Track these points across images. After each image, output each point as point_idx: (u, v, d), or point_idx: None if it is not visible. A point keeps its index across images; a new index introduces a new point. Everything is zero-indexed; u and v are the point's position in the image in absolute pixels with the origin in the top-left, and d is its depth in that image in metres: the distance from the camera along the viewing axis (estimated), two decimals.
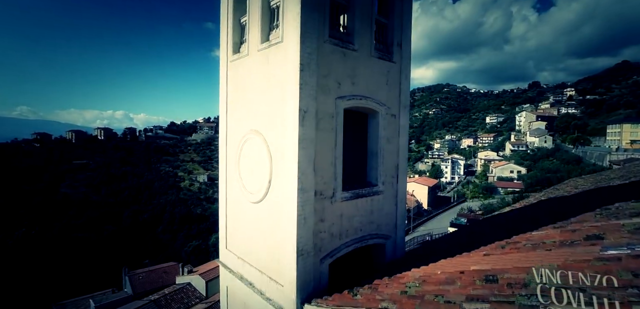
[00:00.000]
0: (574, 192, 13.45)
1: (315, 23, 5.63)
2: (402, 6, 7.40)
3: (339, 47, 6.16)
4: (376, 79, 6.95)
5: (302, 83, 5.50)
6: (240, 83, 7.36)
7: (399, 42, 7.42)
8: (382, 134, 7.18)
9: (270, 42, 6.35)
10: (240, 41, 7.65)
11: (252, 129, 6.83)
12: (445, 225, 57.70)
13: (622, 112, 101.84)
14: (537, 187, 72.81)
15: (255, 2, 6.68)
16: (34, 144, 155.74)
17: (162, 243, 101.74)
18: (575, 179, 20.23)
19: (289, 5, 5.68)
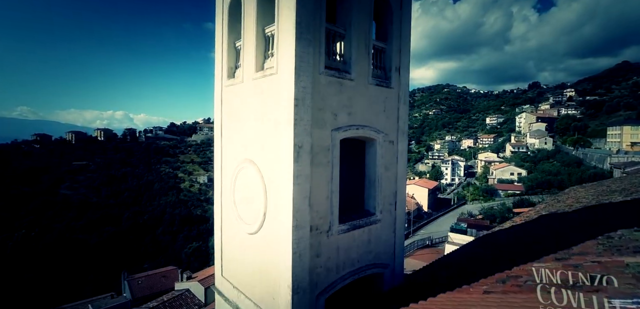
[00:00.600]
0: (575, 208, 13.29)
1: (310, 56, 5.49)
2: (401, 30, 7.25)
3: (335, 78, 6.01)
4: (374, 106, 6.80)
5: (296, 119, 5.36)
6: (235, 109, 7.21)
7: (397, 67, 7.27)
8: (380, 162, 7.04)
9: (264, 71, 6.20)
10: (235, 66, 7.50)
11: (247, 158, 6.69)
12: (446, 228, 57.47)
13: (623, 114, 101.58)
14: (537, 190, 72.66)
15: (250, 29, 6.53)
16: (33, 145, 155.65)
17: (162, 245, 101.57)
18: (576, 189, 20.05)
19: (283, 36, 5.54)
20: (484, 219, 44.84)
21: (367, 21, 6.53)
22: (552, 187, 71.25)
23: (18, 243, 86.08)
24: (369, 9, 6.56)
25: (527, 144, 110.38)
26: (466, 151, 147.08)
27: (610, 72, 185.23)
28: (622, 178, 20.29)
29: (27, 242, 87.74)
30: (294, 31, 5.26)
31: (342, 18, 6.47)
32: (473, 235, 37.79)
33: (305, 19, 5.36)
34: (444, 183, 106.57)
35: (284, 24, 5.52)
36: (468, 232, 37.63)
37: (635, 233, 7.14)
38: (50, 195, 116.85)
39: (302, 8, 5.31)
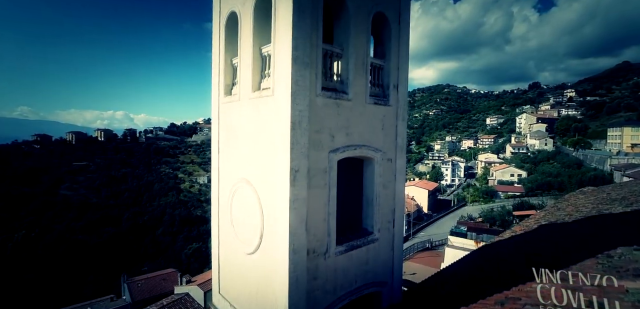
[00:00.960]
0: (574, 217, 13.22)
1: (307, 78, 5.44)
2: (399, 47, 7.20)
3: (333, 99, 5.96)
4: (371, 125, 6.75)
5: (293, 142, 5.30)
6: (231, 127, 7.16)
7: (396, 84, 7.22)
8: (378, 180, 6.98)
9: (261, 92, 6.15)
10: (232, 82, 7.45)
11: (243, 178, 6.63)
12: (445, 230, 57.37)
13: (623, 115, 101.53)
14: (537, 191, 72.64)
15: (247, 48, 6.48)
16: (34, 146, 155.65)
17: (162, 246, 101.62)
18: (576, 195, 19.96)
19: (279, 58, 5.49)
20: (484, 222, 44.79)
21: (364, 40, 6.48)
22: (552, 189, 71.26)
23: (18, 243, 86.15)
24: (367, 27, 6.51)
25: (528, 145, 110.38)
26: (466, 152, 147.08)
27: (610, 72, 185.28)
28: (623, 185, 20.21)
29: (27, 243, 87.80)
30: (290, 54, 5.21)
31: (339, 37, 6.42)
32: (473, 238, 37.76)
33: (301, 41, 5.30)
34: (444, 184, 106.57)
35: (280, 45, 5.47)
36: (468, 235, 37.59)
37: (635, 252, 7.08)
38: (50, 196, 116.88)
39: (298, 30, 5.26)
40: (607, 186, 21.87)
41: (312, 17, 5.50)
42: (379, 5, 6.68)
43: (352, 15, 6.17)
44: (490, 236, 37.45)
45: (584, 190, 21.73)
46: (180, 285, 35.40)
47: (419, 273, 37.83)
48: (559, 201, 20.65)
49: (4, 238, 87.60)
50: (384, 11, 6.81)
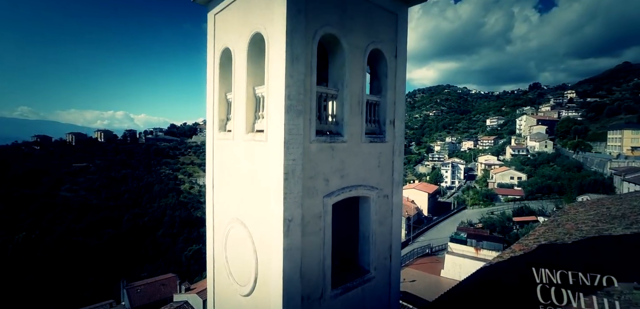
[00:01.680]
0: (574, 238, 13.11)
1: (300, 127, 5.34)
2: (395, 82, 7.10)
3: (327, 143, 5.87)
4: (367, 164, 6.66)
5: (286, 193, 5.22)
6: (226, 163, 7.07)
7: (392, 120, 7.12)
8: (374, 218, 6.89)
9: (254, 134, 6.06)
10: (226, 117, 7.36)
11: (238, 218, 6.55)
12: (445, 234, 57.34)
13: (623, 117, 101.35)
14: (537, 194, 72.57)
15: (240, 88, 6.39)
16: (34, 147, 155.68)
17: (162, 247, 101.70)
18: (576, 208, 19.84)
19: (272, 104, 5.40)
20: (483, 229, 44.71)
21: (360, 78, 6.39)
22: (552, 192, 71.20)
23: (19, 245, 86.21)
24: (363, 65, 6.42)
25: (528, 147, 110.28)
26: (466, 153, 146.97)
27: (611, 73, 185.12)
28: (622, 198, 20.07)
29: (27, 244, 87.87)
30: (283, 103, 5.12)
31: (333, 75, 6.33)
32: (473, 246, 37.73)
33: (294, 90, 5.22)
34: (444, 186, 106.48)
35: (272, 91, 5.38)
36: (468, 242, 37.58)
37: (635, 292, 6.98)
38: (51, 197, 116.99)
39: (291, 78, 5.17)
40: (607, 198, 21.73)
41: (306, 62, 5.41)
42: (375, 42, 6.59)
43: (347, 54, 6.08)
44: (490, 243, 37.42)
45: (584, 202, 21.61)
46: (179, 293, 35.38)
47: (419, 279, 37.77)
48: (559, 213, 20.53)
49: (4, 239, 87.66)
50: (380, 47, 6.72)
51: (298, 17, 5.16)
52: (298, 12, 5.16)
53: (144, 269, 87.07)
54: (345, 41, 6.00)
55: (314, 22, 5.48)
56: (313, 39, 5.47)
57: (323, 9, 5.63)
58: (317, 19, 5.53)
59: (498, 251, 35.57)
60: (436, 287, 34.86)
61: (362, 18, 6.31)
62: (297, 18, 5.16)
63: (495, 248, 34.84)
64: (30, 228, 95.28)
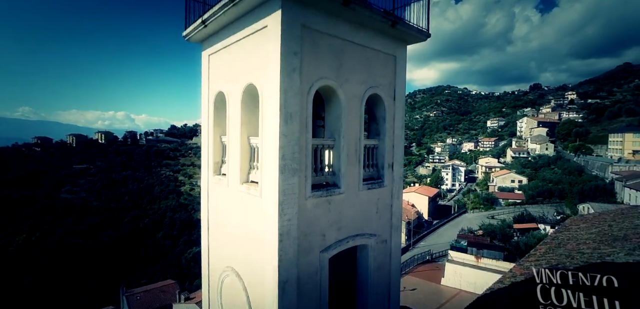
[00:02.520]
0: (575, 264, 12.92)
1: (296, 186, 5.20)
2: (394, 125, 6.95)
3: (324, 197, 5.73)
4: (365, 212, 6.52)
5: (281, 254, 5.07)
6: (220, 209, 6.94)
7: (391, 163, 6.98)
8: (373, 264, 6.75)
9: (249, 186, 5.92)
10: (221, 160, 7.22)
11: (233, 268, 6.41)
12: (446, 239, 57.11)
13: (624, 120, 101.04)
14: (538, 198, 72.34)
15: (234, 137, 6.24)
16: (34, 148, 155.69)
17: (163, 249, 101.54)
18: (578, 222, 19.60)
19: (267, 161, 5.25)
20: (484, 236, 44.53)
21: (357, 126, 6.24)
22: (552, 196, 70.98)
23: (19, 247, 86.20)
24: (360, 112, 6.27)
25: (528, 150, 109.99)
26: (467, 155, 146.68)
27: (611, 74, 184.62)
28: (625, 214, 19.84)
29: (27, 246, 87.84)
30: (277, 162, 4.98)
31: (330, 125, 6.18)
32: (474, 254, 37.52)
33: (289, 149, 5.07)
34: (445, 189, 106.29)
35: (267, 149, 5.24)
36: (468, 250, 37.38)
37: None
38: (51, 199, 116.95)
39: (286, 137, 5.01)
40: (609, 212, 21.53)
41: (301, 119, 5.27)
42: (373, 88, 6.44)
43: (344, 104, 5.94)
44: (490, 252, 37.25)
45: (585, 216, 21.37)
46: (178, 302, 35.27)
47: (420, 287, 37.57)
48: (561, 229, 20.32)
49: (4, 241, 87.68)
50: (378, 92, 6.57)
51: (292, 75, 5.02)
52: (292, 70, 5.01)
53: (145, 271, 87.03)
54: (341, 91, 5.85)
55: (310, 76, 5.34)
56: (308, 94, 5.33)
57: (319, 62, 5.48)
58: (312, 73, 5.38)
59: (498, 259, 35.40)
60: (437, 296, 34.69)
61: (360, 65, 6.17)
62: (292, 77, 5.01)
63: (496, 257, 34.69)
64: (30, 230, 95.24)
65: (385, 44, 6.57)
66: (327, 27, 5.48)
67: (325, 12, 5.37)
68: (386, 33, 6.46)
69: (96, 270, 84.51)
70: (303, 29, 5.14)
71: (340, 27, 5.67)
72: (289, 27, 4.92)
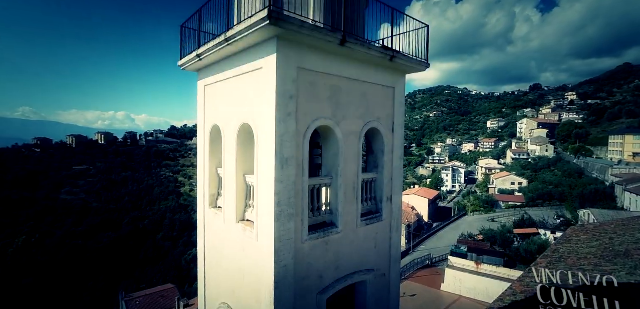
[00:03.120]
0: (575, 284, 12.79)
1: (292, 231, 5.10)
2: (392, 158, 6.85)
3: (321, 238, 5.62)
4: (363, 248, 6.41)
5: (277, 301, 4.97)
6: (216, 243, 6.82)
7: (389, 196, 6.87)
8: (371, 300, 6.64)
9: (245, 224, 5.81)
10: (217, 192, 7.10)
11: (229, 305, 6.30)
12: (446, 243, 56.97)
13: (624, 121, 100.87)
14: (538, 201, 72.22)
15: (230, 174, 6.13)
16: (34, 149, 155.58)
17: (162, 251, 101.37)
18: (578, 234, 19.45)
19: (262, 205, 5.14)
20: (484, 241, 44.41)
21: (355, 163, 6.12)
22: (553, 199, 70.87)
23: (19, 248, 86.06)
24: (358, 149, 6.16)
25: (528, 151, 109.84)
26: (467, 156, 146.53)
27: (611, 74, 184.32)
28: (626, 225, 19.70)
29: (27, 248, 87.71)
30: (273, 210, 4.87)
31: (327, 163, 6.07)
32: (474, 260, 37.44)
33: (285, 195, 4.96)
34: (445, 190, 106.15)
35: (262, 194, 5.13)
36: (469, 256, 37.30)
37: None
38: (51, 200, 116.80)
39: (282, 182, 4.90)
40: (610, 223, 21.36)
41: (298, 163, 5.16)
42: (371, 122, 6.33)
43: (341, 142, 5.82)
44: (491, 258, 37.17)
45: (585, 226, 21.24)
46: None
47: (420, 293, 37.46)
48: (561, 242, 20.19)
49: (4, 243, 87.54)
50: (377, 126, 6.46)
51: (288, 120, 4.91)
52: (288, 115, 4.91)
53: (145, 273, 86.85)
54: (339, 130, 5.74)
55: (306, 118, 5.23)
56: (304, 137, 5.22)
57: (315, 103, 5.36)
58: (309, 114, 5.27)
59: (499, 266, 35.31)
60: (437, 302, 34.58)
61: (358, 101, 6.05)
62: (287, 121, 4.90)
63: (496, 263, 34.62)
64: (30, 231, 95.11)
65: (384, 77, 6.46)
66: (324, 66, 5.37)
67: (322, 52, 5.27)
68: (385, 66, 6.35)
69: (96, 271, 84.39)
70: (299, 71, 5.03)
71: (338, 66, 5.56)
72: (284, 71, 4.81)
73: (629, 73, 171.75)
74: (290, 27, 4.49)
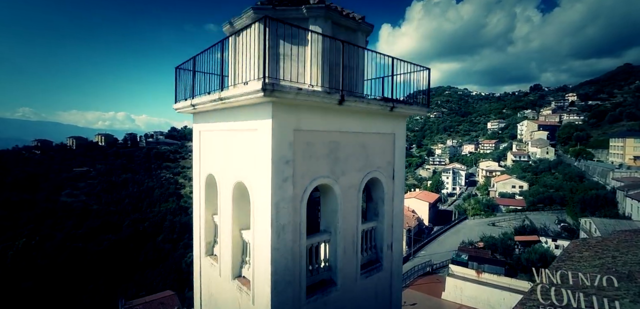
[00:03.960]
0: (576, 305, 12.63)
1: (289, 297, 4.93)
2: (393, 205, 6.68)
3: (319, 300, 5.45)
4: (363, 301, 6.23)
5: None
6: (213, 293, 6.65)
7: (390, 244, 6.70)
8: None
9: (241, 282, 5.64)
10: (213, 240, 6.93)
11: None
12: (447, 247, 56.79)
13: (625, 124, 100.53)
14: (539, 205, 71.99)
15: (226, 228, 5.97)
16: (34, 151, 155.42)
17: (163, 253, 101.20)
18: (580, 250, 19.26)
19: (258, 271, 4.97)
20: (485, 249, 44.21)
21: (354, 215, 5.96)
22: (553, 203, 70.62)
23: (19, 251, 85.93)
24: (357, 201, 5.99)
25: (529, 153, 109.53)
26: (467, 157, 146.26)
27: (612, 75, 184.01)
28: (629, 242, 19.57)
29: (27, 250, 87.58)
30: (269, 278, 4.70)
31: (326, 218, 5.90)
32: (474, 268, 37.24)
33: (283, 263, 4.79)
34: (445, 193, 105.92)
35: (258, 258, 4.96)
36: (469, 265, 37.09)
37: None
38: (51, 202, 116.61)
39: (278, 250, 4.73)
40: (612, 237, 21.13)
41: (295, 226, 4.99)
42: (371, 173, 6.16)
43: (340, 198, 5.66)
44: (491, 267, 36.96)
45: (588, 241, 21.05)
46: None
47: (420, 302, 37.22)
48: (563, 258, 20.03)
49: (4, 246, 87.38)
50: (377, 175, 6.29)
51: (284, 185, 4.74)
52: (284, 180, 4.73)
53: (145, 276, 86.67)
54: (338, 186, 5.57)
55: (304, 180, 5.06)
56: (302, 200, 5.04)
57: (313, 162, 5.19)
58: (307, 175, 5.10)
59: (500, 275, 35.08)
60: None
61: (357, 153, 5.88)
62: (283, 187, 4.73)
63: (497, 272, 34.37)
64: (30, 234, 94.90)
65: (384, 125, 6.30)
66: (323, 124, 5.20)
67: (320, 110, 5.10)
68: (385, 115, 6.18)
69: (96, 275, 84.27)
70: (296, 133, 4.86)
71: (336, 121, 5.39)
72: (280, 136, 4.64)
73: (629, 73, 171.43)
74: (285, 96, 4.32)
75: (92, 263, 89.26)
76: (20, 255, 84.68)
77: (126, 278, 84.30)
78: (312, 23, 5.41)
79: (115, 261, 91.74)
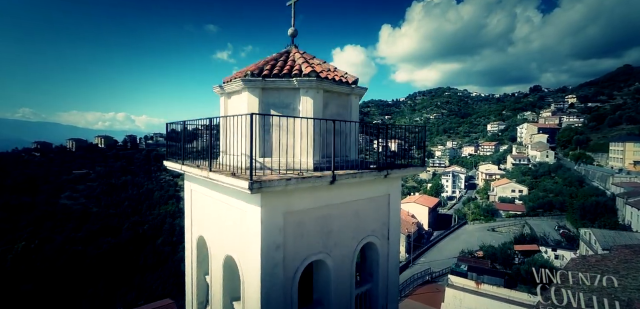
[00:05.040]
0: None
1: None
2: (388, 267, 6.56)
3: None
4: None
5: None
6: None
7: (384, 305, 6.58)
8: None
9: None
10: (205, 300, 6.81)
11: None
12: (447, 254, 56.65)
13: (625, 128, 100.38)
14: (539, 210, 71.86)
15: (217, 297, 5.85)
16: (34, 153, 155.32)
17: (162, 256, 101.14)
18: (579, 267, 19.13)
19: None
20: (484, 259, 44.09)
21: (348, 282, 5.84)
22: (553, 208, 70.51)
23: (18, 254, 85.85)
24: (351, 269, 5.86)
25: (529, 156, 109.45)
26: (467, 159, 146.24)
27: (611, 76, 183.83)
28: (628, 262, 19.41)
29: (27, 253, 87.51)
30: None
31: (319, 288, 5.78)
32: (474, 279, 37.12)
33: None
34: (445, 196, 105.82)
35: None
36: (469, 276, 36.97)
37: None
38: (50, 205, 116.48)
39: None
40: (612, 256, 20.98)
41: (286, 307, 4.86)
42: (366, 238, 6.04)
43: (333, 272, 5.53)
44: (491, 278, 36.86)
45: (588, 258, 20.93)
46: None
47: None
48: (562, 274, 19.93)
49: (3, 249, 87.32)
50: (371, 239, 6.17)
51: (275, 270, 4.62)
52: (275, 265, 4.62)
53: (144, 279, 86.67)
54: (330, 259, 5.45)
55: (295, 261, 4.94)
56: (293, 281, 4.92)
57: (304, 242, 5.07)
58: (298, 256, 4.98)
59: (499, 286, 34.98)
60: None
61: (350, 222, 5.76)
62: (274, 272, 4.61)
63: (497, 283, 34.26)
64: (29, 237, 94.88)
65: (378, 189, 6.19)
66: (314, 202, 5.08)
67: (310, 191, 4.97)
68: (379, 181, 6.06)
69: (96, 278, 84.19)
70: (286, 215, 4.74)
71: (328, 196, 5.27)
72: (270, 222, 4.52)
73: (629, 75, 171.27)
74: (274, 189, 4.20)
75: (92, 266, 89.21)
76: (19, 258, 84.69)
77: (126, 281, 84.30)
78: (304, 94, 5.30)
79: (114, 265, 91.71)
